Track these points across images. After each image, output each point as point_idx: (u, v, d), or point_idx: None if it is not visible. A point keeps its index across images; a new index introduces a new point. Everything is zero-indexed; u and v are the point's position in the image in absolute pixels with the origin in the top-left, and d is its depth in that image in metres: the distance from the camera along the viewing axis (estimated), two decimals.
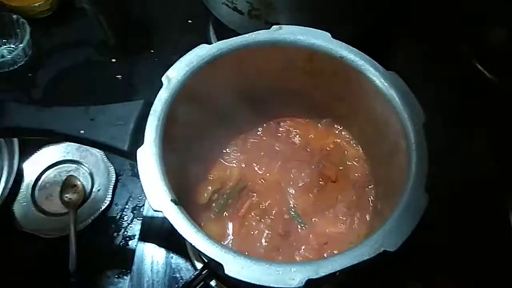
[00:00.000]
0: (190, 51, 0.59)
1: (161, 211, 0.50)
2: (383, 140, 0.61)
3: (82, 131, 0.57)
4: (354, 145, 0.70)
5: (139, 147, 0.54)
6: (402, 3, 0.88)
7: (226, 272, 0.46)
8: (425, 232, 0.50)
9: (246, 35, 0.60)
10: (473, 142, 0.86)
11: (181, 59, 0.58)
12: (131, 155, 0.56)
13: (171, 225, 0.50)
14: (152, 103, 0.57)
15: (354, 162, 0.68)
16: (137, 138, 0.56)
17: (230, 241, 0.64)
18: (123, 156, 0.58)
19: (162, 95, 0.56)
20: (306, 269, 0.46)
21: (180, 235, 0.49)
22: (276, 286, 0.46)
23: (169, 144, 0.55)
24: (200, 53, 0.59)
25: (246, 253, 0.60)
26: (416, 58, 0.90)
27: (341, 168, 0.68)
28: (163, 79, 0.57)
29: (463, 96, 0.90)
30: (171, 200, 0.51)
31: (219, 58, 0.59)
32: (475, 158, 0.84)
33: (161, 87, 0.57)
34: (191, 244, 0.49)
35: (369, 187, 0.67)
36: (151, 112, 0.55)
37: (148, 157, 0.53)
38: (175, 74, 0.57)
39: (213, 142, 0.68)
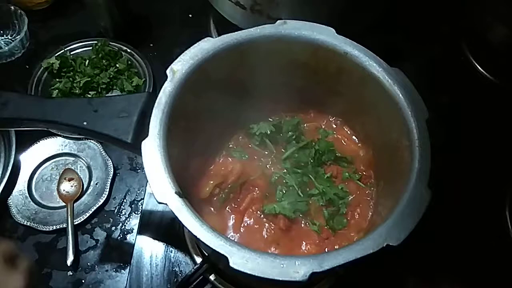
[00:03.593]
0: (195, 44, 0.59)
1: (165, 203, 0.50)
2: (386, 135, 0.61)
3: (85, 123, 0.56)
4: (356, 140, 0.70)
5: (143, 139, 0.54)
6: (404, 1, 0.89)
7: (231, 264, 0.46)
8: (424, 229, 0.50)
9: (251, 29, 0.60)
10: (472, 140, 0.87)
11: (186, 52, 0.58)
12: (134, 148, 0.56)
13: (175, 217, 0.50)
14: (154, 96, 0.57)
15: (356, 158, 0.69)
16: (141, 131, 0.56)
17: (231, 235, 0.64)
18: (126, 148, 0.58)
19: (167, 88, 0.56)
20: (310, 262, 0.47)
21: (185, 228, 0.49)
22: (280, 279, 0.46)
23: (173, 137, 0.55)
24: (205, 46, 0.59)
25: None
26: (416, 56, 0.91)
27: (342, 163, 0.68)
28: (168, 72, 0.57)
29: (463, 96, 0.91)
30: (176, 192, 0.50)
31: (223, 52, 0.59)
32: (474, 156, 0.84)
33: (165, 80, 0.57)
34: (195, 236, 0.49)
35: (371, 182, 0.67)
36: (156, 104, 0.55)
37: (152, 150, 0.52)
38: (180, 67, 0.57)
39: (216, 136, 0.68)
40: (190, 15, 1.08)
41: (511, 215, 0.80)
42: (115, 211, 0.86)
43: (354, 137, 0.71)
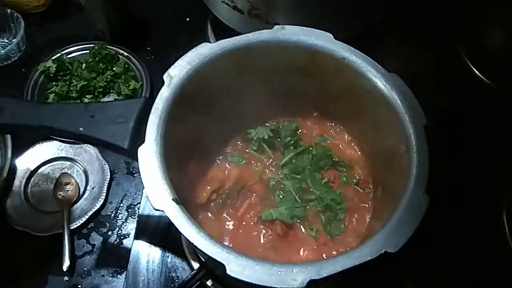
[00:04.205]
0: (192, 50, 0.59)
1: (162, 211, 0.49)
2: (384, 141, 0.61)
3: (81, 128, 0.56)
4: (354, 146, 0.70)
5: (139, 145, 0.53)
6: (403, 5, 0.89)
7: (229, 272, 0.46)
8: (423, 234, 0.50)
9: (249, 34, 0.60)
10: (469, 145, 0.87)
11: (183, 57, 0.58)
12: (131, 153, 0.55)
13: (172, 224, 0.49)
14: (151, 101, 0.56)
15: (354, 163, 0.69)
16: (137, 136, 0.56)
17: (228, 241, 0.64)
18: (123, 154, 0.57)
19: (164, 93, 0.56)
20: (308, 269, 0.46)
21: (182, 235, 0.49)
22: (277, 286, 0.46)
23: (170, 143, 0.55)
24: (202, 51, 0.58)
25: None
26: (414, 62, 0.91)
27: (340, 168, 0.68)
28: (165, 77, 0.57)
29: (460, 100, 0.91)
30: (173, 199, 0.50)
31: (221, 57, 0.59)
32: (471, 160, 0.84)
33: (162, 85, 0.57)
34: (192, 243, 0.48)
35: (368, 188, 0.67)
36: (153, 110, 0.55)
37: (149, 156, 0.52)
38: (177, 72, 0.57)
39: (213, 141, 0.68)
40: (188, 19, 1.07)
41: (509, 219, 0.80)
42: (112, 215, 0.85)
43: (352, 142, 0.70)
